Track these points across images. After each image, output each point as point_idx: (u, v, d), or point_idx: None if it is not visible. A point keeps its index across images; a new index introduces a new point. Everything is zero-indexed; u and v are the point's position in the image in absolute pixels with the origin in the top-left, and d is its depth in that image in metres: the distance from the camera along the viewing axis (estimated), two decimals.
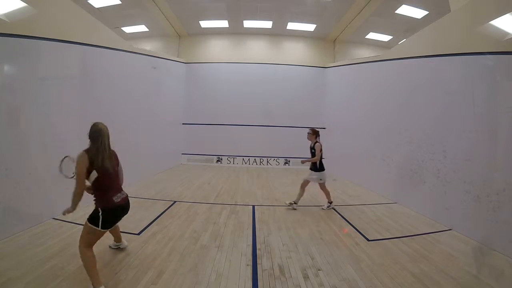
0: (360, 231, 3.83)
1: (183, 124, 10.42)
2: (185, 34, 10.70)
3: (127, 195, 2.54)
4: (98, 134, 2.46)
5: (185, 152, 10.41)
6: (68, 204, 2.45)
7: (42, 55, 3.75)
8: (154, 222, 3.95)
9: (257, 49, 10.76)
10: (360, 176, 7.29)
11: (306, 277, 2.58)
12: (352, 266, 2.82)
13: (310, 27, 9.90)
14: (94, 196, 2.42)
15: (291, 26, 9.90)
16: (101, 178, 2.33)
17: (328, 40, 10.83)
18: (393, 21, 8.69)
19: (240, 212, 4.60)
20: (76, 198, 2.33)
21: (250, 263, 2.84)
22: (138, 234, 3.50)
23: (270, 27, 10.01)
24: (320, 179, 4.79)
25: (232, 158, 10.39)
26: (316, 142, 4.80)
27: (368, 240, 3.53)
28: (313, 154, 4.81)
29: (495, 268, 2.86)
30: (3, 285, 2.24)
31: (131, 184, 6.14)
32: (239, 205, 5.10)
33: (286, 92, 10.39)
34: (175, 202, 5.09)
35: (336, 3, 8.01)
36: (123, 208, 2.47)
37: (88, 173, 2.29)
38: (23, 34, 3.40)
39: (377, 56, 7.49)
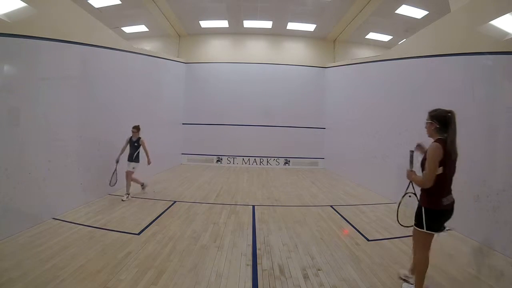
0: (360, 231, 3.83)
1: (183, 124, 10.43)
2: (185, 34, 10.71)
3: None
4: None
5: (185, 152, 10.42)
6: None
7: (42, 55, 3.75)
8: (154, 222, 3.95)
9: (257, 49, 10.76)
10: (360, 176, 7.29)
11: (306, 277, 2.58)
12: (352, 266, 2.82)
13: (310, 27, 9.90)
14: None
15: (291, 26, 9.90)
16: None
17: (328, 40, 10.83)
18: (393, 21, 8.69)
19: (240, 212, 4.60)
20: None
21: (250, 263, 2.84)
22: (138, 234, 3.50)
23: (270, 27, 10.01)
24: (133, 168, 5.30)
25: (232, 158, 10.40)
26: (140, 137, 5.31)
27: (368, 240, 3.53)
28: (137, 148, 5.25)
29: (495, 268, 2.85)
30: (3, 285, 2.24)
31: (131, 184, 6.15)
32: (239, 205, 5.10)
33: (286, 92, 10.40)
34: (175, 202, 5.09)
35: (336, 3, 8.01)
36: (450, 212, 2.23)
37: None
38: (23, 34, 3.40)
39: (377, 56, 7.49)
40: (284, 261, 2.90)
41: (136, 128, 5.22)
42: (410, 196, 2.39)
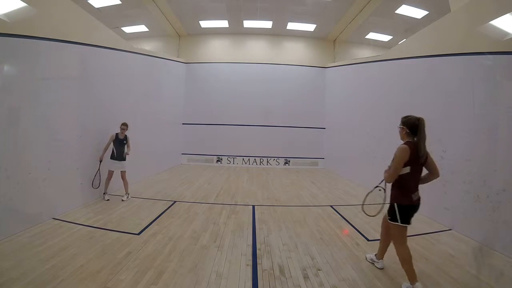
0: (360, 231, 3.83)
1: (183, 124, 10.43)
2: (185, 34, 10.71)
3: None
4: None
5: (185, 152, 10.42)
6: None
7: (42, 55, 3.75)
8: (154, 222, 3.95)
9: (257, 49, 10.77)
10: (360, 176, 7.29)
11: (306, 277, 2.58)
12: (352, 266, 2.82)
13: (310, 27, 9.91)
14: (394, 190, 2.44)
15: (291, 26, 9.90)
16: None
17: (328, 40, 10.84)
18: (393, 21, 8.70)
19: (240, 212, 4.60)
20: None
21: (250, 263, 2.84)
22: (138, 234, 3.50)
23: (270, 27, 10.02)
24: (125, 167, 5.22)
25: (232, 158, 10.40)
26: (126, 134, 5.25)
27: (368, 240, 3.53)
28: (124, 146, 5.17)
29: (495, 268, 2.85)
30: (3, 285, 2.24)
31: (131, 184, 6.15)
32: (239, 205, 5.09)
33: (286, 92, 10.41)
34: (175, 202, 5.09)
35: (336, 3, 8.02)
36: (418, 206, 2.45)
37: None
38: (23, 34, 3.40)
39: (377, 56, 7.49)
40: (284, 261, 2.90)
41: (126, 126, 5.16)
42: (380, 190, 2.65)
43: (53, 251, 2.87)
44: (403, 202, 2.37)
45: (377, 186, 2.67)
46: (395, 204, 2.39)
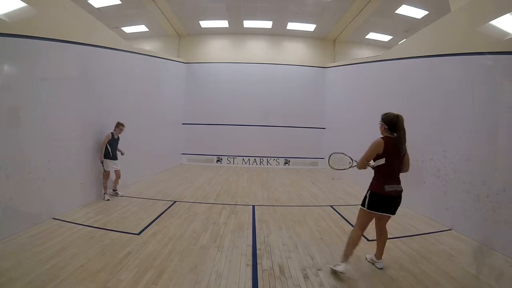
0: None
1: (183, 124, 10.43)
2: (185, 34, 10.71)
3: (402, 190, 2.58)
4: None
5: (185, 152, 10.42)
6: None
7: (42, 55, 3.74)
8: (154, 222, 3.95)
9: (257, 49, 10.77)
10: (360, 176, 7.27)
11: (306, 277, 2.58)
12: (352, 266, 2.81)
13: (310, 27, 9.91)
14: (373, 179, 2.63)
15: (291, 26, 9.91)
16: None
17: (328, 40, 10.84)
18: (393, 21, 8.70)
19: (240, 212, 4.60)
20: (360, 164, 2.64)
21: (250, 263, 2.84)
22: (138, 234, 3.50)
23: (270, 27, 10.02)
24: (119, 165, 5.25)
25: (232, 158, 10.40)
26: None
27: (368, 240, 3.52)
28: (118, 144, 5.24)
29: (495, 268, 2.85)
30: (3, 285, 2.24)
31: (131, 184, 6.15)
32: (239, 205, 5.09)
33: (286, 92, 10.41)
34: (175, 202, 5.08)
35: (336, 3, 8.02)
36: (394, 199, 2.54)
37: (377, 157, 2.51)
38: (23, 34, 3.40)
39: (377, 56, 7.49)
40: (284, 261, 2.89)
41: (123, 125, 5.20)
42: (350, 162, 2.94)
43: (53, 251, 2.87)
44: (374, 190, 2.54)
45: (353, 160, 2.92)
46: (369, 191, 2.59)
